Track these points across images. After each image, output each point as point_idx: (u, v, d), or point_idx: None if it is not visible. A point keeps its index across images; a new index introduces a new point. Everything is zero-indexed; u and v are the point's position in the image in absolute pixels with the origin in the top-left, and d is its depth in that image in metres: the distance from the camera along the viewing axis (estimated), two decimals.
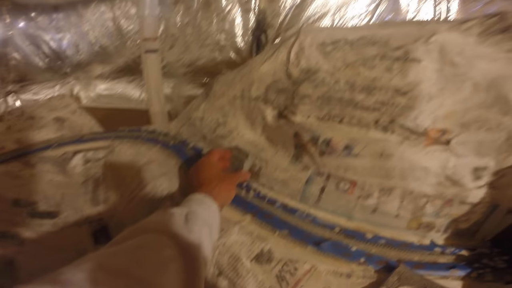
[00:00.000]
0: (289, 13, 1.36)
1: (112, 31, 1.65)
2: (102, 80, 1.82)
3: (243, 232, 0.62)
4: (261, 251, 0.58)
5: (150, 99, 1.49)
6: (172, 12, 1.52)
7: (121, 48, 1.68)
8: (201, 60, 1.56)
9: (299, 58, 0.78)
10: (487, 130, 0.62)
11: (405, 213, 0.64)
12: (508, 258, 0.60)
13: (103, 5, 1.62)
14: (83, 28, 1.69)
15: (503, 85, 0.63)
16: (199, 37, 1.52)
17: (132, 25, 1.61)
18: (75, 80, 1.88)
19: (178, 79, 1.65)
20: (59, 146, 1.03)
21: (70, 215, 0.83)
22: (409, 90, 0.64)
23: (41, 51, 1.76)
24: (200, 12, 1.47)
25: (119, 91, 1.81)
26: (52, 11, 1.69)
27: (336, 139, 0.66)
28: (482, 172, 0.62)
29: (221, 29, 1.47)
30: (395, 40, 0.70)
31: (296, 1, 1.35)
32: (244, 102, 0.85)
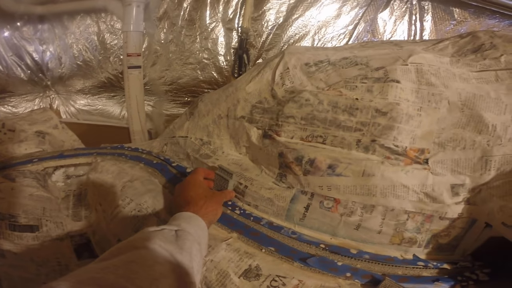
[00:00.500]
0: (271, 33, 1.40)
1: (96, 45, 1.65)
2: (83, 95, 1.80)
3: (230, 249, 0.63)
4: (249, 267, 0.59)
5: (131, 117, 1.50)
6: (156, 29, 1.53)
7: (104, 63, 1.67)
8: (183, 78, 1.57)
9: (283, 78, 0.81)
10: (462, 149, 0.66)
11: (388, 229, 0.66)
12: (489, 271, 0.62)
13: (88, 18, 1.62)
14: (67, 41, 1.68)
15: (476, 104, 0.67)
16: (182, 55, 1.53)
17: (116, 40, 1.61)
18: (55, 94, 1.85)
19: (159, 97, 1.65)
20: (40, 161, 1.01)
21: (51, 229, 0.83)
22: (389, 110, 0.67)
23: (23, 63, 1.72)
24: (184, 30, 1.50)
25: (99, 107, 1.79)
26: (38, 22, 1.67)
27: (320, 159, 0.69)
28: (459, 189, 0.65)
29: (204, 47, 1.49)
30: (375, 61, 0.74)
31: (278, 21, 1.39)
32: (229, 121, 0.87)
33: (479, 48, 0.77)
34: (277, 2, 1.39)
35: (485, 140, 0.65)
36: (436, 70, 0.70)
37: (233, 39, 1.47)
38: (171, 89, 1.62)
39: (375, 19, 1.33)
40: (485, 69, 0.71)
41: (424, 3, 1.26)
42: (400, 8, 1.30)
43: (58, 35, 1.69)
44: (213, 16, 1.46)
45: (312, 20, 1.37)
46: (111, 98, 1.76)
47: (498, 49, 0.75)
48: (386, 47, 0.81)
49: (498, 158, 0.64)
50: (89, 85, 1.75)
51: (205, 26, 1.47)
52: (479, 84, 0.69)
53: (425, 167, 0.66)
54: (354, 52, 0.78)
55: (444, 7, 1.23)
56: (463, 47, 0.80)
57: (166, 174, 0.88)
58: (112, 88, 1.72)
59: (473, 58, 0.75)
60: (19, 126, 1.26)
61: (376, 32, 1.35)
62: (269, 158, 0.78)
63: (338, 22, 1.36)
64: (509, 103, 0.66)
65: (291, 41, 1.42)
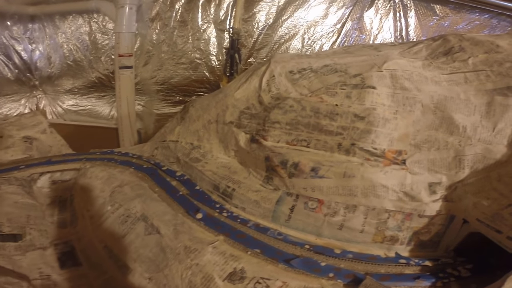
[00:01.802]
0: (262, 34, 1.44)
1: (87, 45, 1.66)
2: (71, 95, 1.80)
3: (216, 252, 0.65)
4: (234, 270, 0.62)
5: (120, 117, 1.52)
6: (148, 29, 1.56)
7: (95, 63, 1.68)
8: (175, 78, 1.60)
9: (270, 85, 0.84)
10: (436, 149, 0.69)
11: (370, 228, 0.70)
12: (471, 267, 0.66)
13: (80, 18, 1.63)
14: (58, 40, 1.69)
15: (447, 106, 0.71)
16: (175, 55, 1.56)
17: (107, 40, 1.63)
18: (42, 94, 1.84)
19: (150, 96, 1.68)
20: (27, 167, 1.02)
21: (35, 237, 0.83)
22: (366, 115, 0.71)
23: (11, 62, 1.72)
24: (177, 31, 1.53)
25: (87, 107, 1.80)
26: (29, 21, 1.68)
27: (303, 162, 0.72)
28: (436, 187, 0.69)
29: (196, 47, 1.52)
30: (353, 68, 0.78)
31: (268, 22, 1.43)
32: (218, 126, 0.91)
33: (450, 50, 0.81)
34: (267, 4, 1.43)
35: (457, 141, 0.69)
36: (409, 75, 0.74)
37: (224, 39, 1.51)
38: (163, 89, 1.65)
39: (361, 18, 1.38)
40: (455, 71, 0.75)
41: (406, 1, 1.31)
42: (384, 6, 1.35)
43: (48, 35, 1.70)
44: (204, 18, 1.50)
45: (301, 20, 1.43)
46: (101, 98, 1.77)
47: (466, 52, 0.78)
48: (365, 52, 0.85)
49: (470, 157, 0.68)
50: (79, 85, 1.76)
51: (197, 27, 1.51)
52: (449, 86, 0.73)
53: (403, 167, 0.70)
54: (334, 60, 0.81)
55: (426, 4, 1.29)
56: (435, 50, 0.83)
57: (156, 178, 0.91)
58: (102, 88, 1.74)
59: (444, 60, 0.79)
60: (7, 132, 1.27)
61: (363, 29, 1.40)
62: (256, 162, 0.82)
63: (326, 21, 1.42)
64: (478, 104, 0.70)
65: (282, 40, 1.46)
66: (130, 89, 1.53)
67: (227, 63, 1.49)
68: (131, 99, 1.55)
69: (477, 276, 0.64)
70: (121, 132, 1.56)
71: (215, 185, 0.85)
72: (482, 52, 0.79)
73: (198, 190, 0.88)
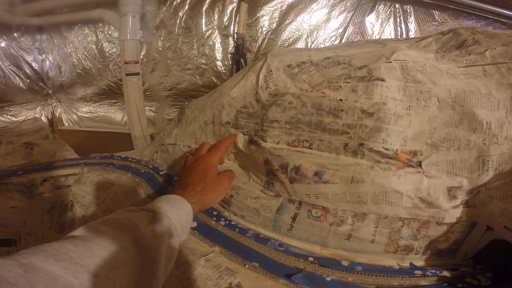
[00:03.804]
0: (266, 38, 1.34)
1: (95, 53, 1.60)
2: (85, 102, 1.74)
3: (209, 266, 0.55)
4: (229, 286, 0.51)
5: (132, 123, 1.43)
6: (153, 37, 1.48)
7: (104, 71, 1.62)
8: (182, 83, 1.51)
9: (267, 81, 0.72)
10: (456, 149, 0.57)
11: (381, 238, 0.58)
12: (491, 275, 0.54)
13: (86, 28, 1.57)
14: (66, 50, 1.63)
15: (467, 101, 0.58)
16: (181, 61, 1.48)
17: (114, 48, 1.57)
18: (57, 102, 1.79)
19: (160, 102, 1.60)
20: (25, 173, 0.95)
21: (30, 242, 0.76)
22: (375, 111, 0.59)
23: (22, 72, 1.67)
24: (181, 37, 1.44)
25: (101, 114, 1.74)
26: (36, 32, 1.62)
27: (305, 166, 0.60)
28: (456, 191, 0.57)
29: (201, 53, 1.43)
30: (358, 60, 0.65)
31: (271, 27, 1.33)
32: (215, 127, 0.79)
33: (463, 43, 0.68)
34: (270, 8, 1.33)
35: (481, 139, 0.56)
36: (422, 67, 0.62)
37: (229, 44, 1.41)
38: (171, 94, 1.56)
39: (363, 22, 1.27)
40: (472, 64, 0.63)
41: (406, 6, 1.21)
42: (384, 11, 1.24)
43: (57, 45, 1.64)
44: (208, 24, 1.40)
45: (304, 25, 1.32)
46: (112, 105, 1.71)
47: (481, 45, 0.66)
48: (370, 45, 0.72)
49: (495, 157, 0.55)
50: (90, 92, 1.70)
51: (202, 34, 1.42)
52: (467, 79, 0.60)
53: (419, 170, 0.58)
54: (336, 52, 0.69)
55: (425, 10, 1.19)
56: (446, 43, 0.71)
57: (152, 183, 0.81)
58: (113, 95, 1.67)
59: (458, 53, 0.66)
60: (6, 138, 1.20)
61: (365, 34, 1.29)
62: (256, 165, 0.70)
63: (329, 25, 1.31)
64: (501, 98, 0.57)
65: (286, 44, 1.37)
66: (138, 95, 1.44)
67: (233, 67, 1.40)
68: (140, 104, 1.45)
69: (498, 284, 0.53)
70: (134, 137, 1.48)
71: None
72: (499, 45, 0.66)
73: None
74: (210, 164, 0.65)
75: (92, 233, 0.38)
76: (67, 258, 0.32)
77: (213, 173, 0.64)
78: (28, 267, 0.29)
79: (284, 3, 1.32)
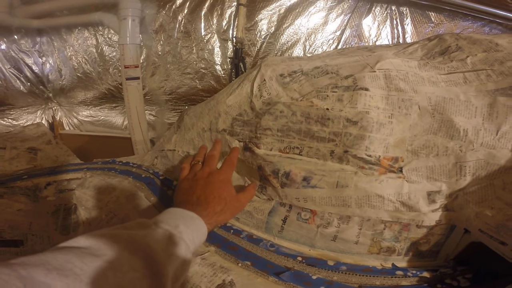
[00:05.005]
0: (265, 42, 1.40)
1: (95, 57, 1.64)
2: (85, 106, 1.79)
3: (205, 264, 0.62)
4: (222, 282, 0.58)
5: (132, 127, 1.49)
6: (153, 41, 1.53)
7: (104, 75, 1.66)
8: (182, 87, 1.57)
9: (261, 90, 0.79)
10: (435, 155, 0.63)
11: (365, 239, 0.65)
12: (471, 276, 0.60)
13: (86, 31, 1.61)
14: (66, 53, 1.66)
15: (446, 108, 0.65)
16: (180, 65, 1.54)
17: (114, 52, 1.61)
18: (57, 105, 1.83)
19: (160, 106, 1.66)
20: (30, 177, 1.02)
21: (37, 243, 0.83)
22: (359, 119, 0.65)
23: (23, 75, 1.70)
24: (181, 42, 1.50)
25: (101, 118, 1.78)
26: (36, 35, 1.66)
27: (294, 171, 0.67)
28: (436, 195, 0.63)
29: (201, 57, 1.50)
30: (345, 69, 0.72)
31: (270, 30, 1.39)
32: (212, 134, 0.87)
33: (446, 50, 0.75)
34: (268, 12, 1.39)
35: (458, 146, 0.62)
36: (405, 75, 0.68)
37: (228, 49, 1.47)
38: (171, 99, 1.62)
39: (360, 25, 1.32)
40: (453, 71, 0.69)
41: (402, 8, 1.25)
42: (381, 14, 1.29)
43: (57, 48, 1.68)
44: (207, 28, 1.46)
45: (302, 28, 1.38)
46: (112, 108, 1.76)
47: (464, 51, 0.72)
48: (358, 53, 0.78)
49: (472, 163, 0.62)
50: (91, 96, 1.74)
51: (201, 38, 1.47)
52: (448, 87, 0.67)
53: (400, 176, 0.64)
54: (325, 61, 0.76)
55: (421, 12, 1.23)
56: (431, 49, 0.77)
57: (153, 188, 0.88)
58: (113, 99, 1.72)
59: (441, 60, 0.72)
60: (10, 144, 1.26)
61: (362, 37, 1.33)
62: (250, 171, 0.77)
63: (326, 28, 1.36)
64: (479, 105, 0.64)
65: (284, 48, 1.42)
66: (138, 99, 1.49)
67: (232, 72, 1.46)
68: (141, 109, 1.51)
69: (477, 285, 0.59)
70: (134, 141, 1.53)
71: None
72: (480, 51, 0.72)
73: None
74: (227, 181, 0.66)
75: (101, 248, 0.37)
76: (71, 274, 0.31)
77: (232, 192, 0.65)
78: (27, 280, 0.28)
79: (282, 7, 1.38)
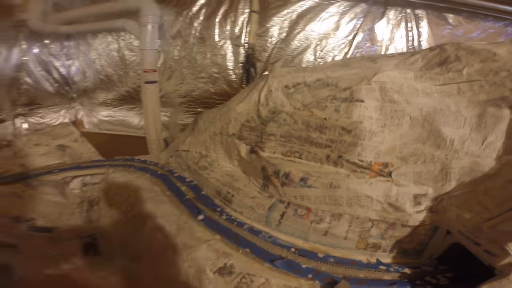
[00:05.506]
0: (275, 48, 1.47)
1: (116, 61, 1.75)
2: (105, 106, 1.90)
3: (210, 249, 0.71)
4: (224, 265, 0.67)
5: (147, 128, 1.61)
6: (170, 46, 1.63)
7: (124, 78, 1.77)
8: (196, 91, 1.66)
9: (267, 99, 0.89)
10: (422, 162, 0.71)
11: (353, 235, 0.72)
12: (451, 275, 0.67)
13: (109, 36, 1.74)
14: (91, 57, 1.79)
15: (435, 119, 0.72)
16: (195, 70, 1.63)
17: (134, 57, 1.71)
18: (80, 105, 1.95)
19: (174, 108, 1.76)
20: (60, 171, 1.15)
21: (64, 231, 0.94)
22: (353, 128, 0.74)
23: (51, 77, 1.84)
24: (196, 47, 1.59)
25: (120, 118, 1.89)
26: (64, 39, 1.80)
27: (293, 172, 0.76)
28: (421, 198, 0.70)
29: (214, 62, 1.58)
30: (344, 82, 0.81)
31: (281, 36, 1.46)
32: (222, 138, 0.97)
33: (445, 60, 0.81)
34: (280, 18, 1.46)
35: (443, 154, 0.69)
36: (399, 87, 0.76)
37: (240, 54, 1.54)
38: (185, 101, 1.71)
39: (372, 29, 1.36)
40: (448, 82, 0.76)
41: (418, 11, 1.28)
42: (395, 17, 1.33)
43: (82, 51, 1.81)
44: (221, 34, 1.55)
45: (313, 33, 1.44)
46: (130, 109, 1.86)
47: (461, 61, 0.78)
48: (361, 65, 0.86)
49: (457, 170, 0.69)
50: (111, 97, 1.86)
51: (215, 43, 1.56)
52: (441, 98, 0.74)
53: (388, 179, 0.72)
54: (327, 73, 0.84)
55: (438, 14, 1.25)
56: (431, 60, 0.83)
57: (168, 183, 0.99)
58: (131, 100, 1.82)
59: (438, 71, 0.79)
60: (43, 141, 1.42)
61: (374, 40, 1.38)
62: (255, 171, 0.87)
63: (338, 33, 1.41)
64: (469, 116, 0.70)
65: (295, 53, 1.47)
66: (155, 102, 1.60)
67: (243, 76, 1.53)
68: (157, 111, 1.62)
69: (456, 285, 0.65)
70: (149, 140, 1.64)
71: (218, 190, 0.91)
72: (478, 61, 0.78)
73: (204, 195, 0.94)
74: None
75: None
76: None
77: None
78: None
79: (294, 13, 1.44)
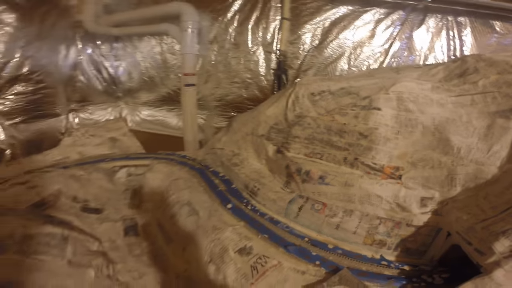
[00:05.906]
0: (308, 55, 1.53)
1: (159, 63, 1.89)
2: (147, 106, 2.05)
3: (234, 232, 0.84)
4: (244, 246, 0.79)
5: (185, 128, 1.75)
6: (208, 51, 1.74)
7: (165, 80, 1.91)
8: (230, 95, 1.76)
9: (294, 105, 1.01)
10: (430, 168, 0.79)
11: (362, 231, 0.82)
12: (448, 276, 0.73)
13: (153, 40, 1.88)
14: (137, 58, 1.94)
15: (446, 128, 0.80)
16: (229, 75, 1.73)
17: (175, 60, 1.84)
18: (124, 104, 2.09)
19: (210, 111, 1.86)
20: (111, 160, 1.33)
21: (111, 213, 1.09)
22: (369, 134, 0.84)
23: (101, 76, 2.00)
24: (231, 52, 1.70)
25: (159, 118, 2.02)
26: (113, 41, 1.96)
27: (313, 171, 0.87)
28: (428, 201, 0.79)
29: (247, 68, 1.68)
30: (365, 91, 0.91)
31: (313, 44, 1.52)
32: (253, 138, 1.10)
33: (464, 72, 0.88)
34: (312, 26, 1.51)
35: (450, 161, 0.77)
36: (415, 97, 0.84)
37: (272, 61, 1.61)
38: (220, 105, 1.80)
39: (410, 37, 1.36)
40: (463, 93, 0.83)
41: (461, 18, 1.27)
42: (435, 25, 1.32)
43: (129, 53, 1.97)
44: (254, 40, 1.63)
45: (347, 42, 1.47)
46: (170, 110, 1.99)
47: (479, 73, 0.85)
48: (384, 75, 0.96)
49: (462, 176, 0.76)
50: (153, 98, 2.00)
51: (248, 49, 1.65)
52: (455, 108, 0.81)
53: (398, 182, 0.81)
54: (350, 83, 0.94)
55: (483, 21, 1.23)
56: (452, 72, 0.91)
57: (204, 177, 1.14)
58: (171, 102, 1.95)
59: (455, 83, 0.86)
60: (98, 133, 1.63)
61: (412, 49, 1.37)
62: (280, 169, 0.98)
63: (373, 42, 1.43)
64: (478, 127, 0.78)
65: (327, 61, 1.51)
66: (193, 105, 1.73)
67: (274, 83, 1.60)
68: (194, 113, 1.75)
69: (450, 284, 0.70)
70: (186, 140, 1.77)
71: (246, 184, 1.04)
72: (495, 73, 0.84)
73: (234, 188, 1.07)
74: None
75: None
76: None
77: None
78: None
79: (327, 21, 1.48)
